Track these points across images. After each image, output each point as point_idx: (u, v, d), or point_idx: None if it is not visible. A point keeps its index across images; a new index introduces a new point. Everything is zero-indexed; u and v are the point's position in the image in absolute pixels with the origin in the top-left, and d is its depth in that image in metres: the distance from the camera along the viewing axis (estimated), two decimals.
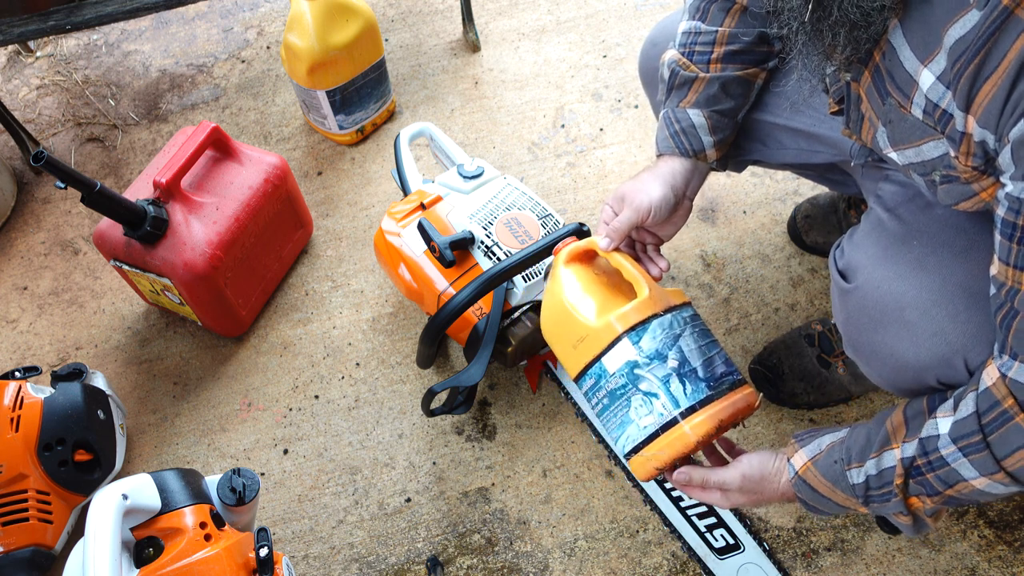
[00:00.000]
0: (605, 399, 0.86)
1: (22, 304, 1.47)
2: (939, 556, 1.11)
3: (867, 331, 0.87)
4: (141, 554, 0.82)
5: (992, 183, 0.67)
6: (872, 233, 0.88)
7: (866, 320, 0.86)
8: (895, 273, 0.82)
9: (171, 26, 1.92)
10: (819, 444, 0.83)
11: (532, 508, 1.19)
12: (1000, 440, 0.68)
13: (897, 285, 0.82)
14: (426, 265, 1.18)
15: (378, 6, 1.90)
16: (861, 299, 0.85)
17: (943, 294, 0.78)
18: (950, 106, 0.64)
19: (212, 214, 1.25)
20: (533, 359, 1.29)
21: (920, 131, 0.70)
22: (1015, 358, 0.66)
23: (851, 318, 0.89)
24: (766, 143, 1.06)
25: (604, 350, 0.85)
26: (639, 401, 0.83)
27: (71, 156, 1.69)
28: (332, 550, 1.17)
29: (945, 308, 0.78)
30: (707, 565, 1.09)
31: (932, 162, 0.71)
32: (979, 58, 0.59)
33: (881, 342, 0.85)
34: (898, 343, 0.82)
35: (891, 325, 0.82)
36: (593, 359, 0.86)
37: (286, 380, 1.34)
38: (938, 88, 0.64)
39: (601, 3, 1.86)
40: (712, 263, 1.42)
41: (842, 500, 0.82)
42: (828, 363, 1.21)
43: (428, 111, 1.70)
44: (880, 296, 0.83)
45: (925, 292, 0.79)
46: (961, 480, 0.72)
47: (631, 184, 0.99)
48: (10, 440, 1.06)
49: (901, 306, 0.81)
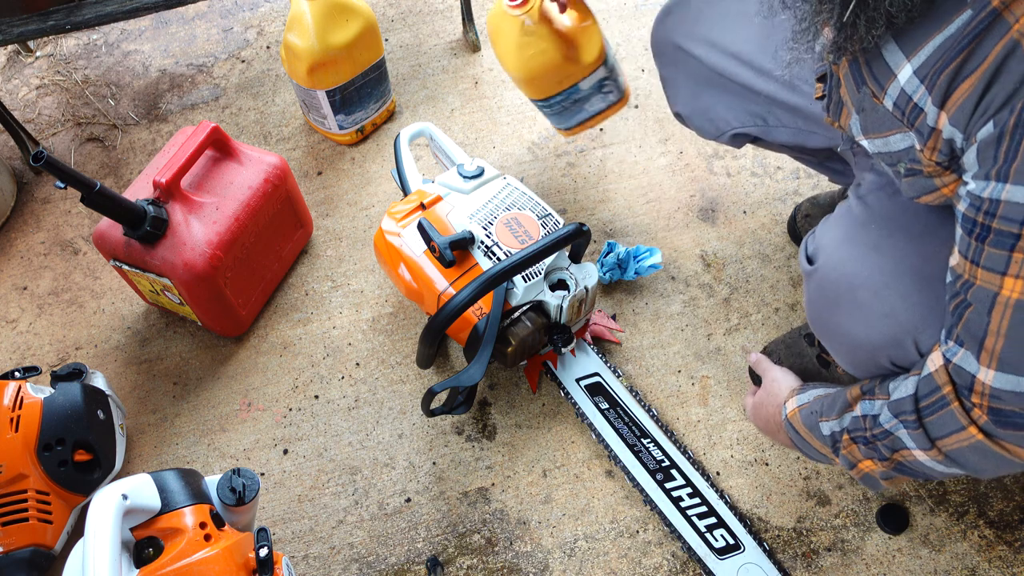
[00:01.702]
0: (570, 105, 1.33)
1: (22, 304, 1.47)
2: (939, 556, 1.11)
3: (826, 311, 0.89)
4: (141, 554, 0.82)
5: (954, 180, 0.68)
6: (840, 219, 0.89)
7: (824, 301, 0.88)
8: (852, 255, 0.84)
9: (171, 26, 1.92)
10: (810, 395, 0.94)
11: (532, 508, 1.19)
12: (935, 424, 0.72)
13: (852, 266, 0.83)
14: (426, 265, 1.18)
15: (378, 6, 1.90)
16: (820, 280, 0.88)
17: (895, 276, 0.80)
18: (922, 100, 0.64)
19: (212, 214, 1.25)
20: (533, 359, 1.29)
21: (889, 122, 0.70)
22: (961, 345, 0.69)
23: (812, 299, 0.92)
24: (766, 119, 1.08)
25: (585, 76, 1.28)
26: (596, 97, 1.33)
27: (71, 156, 1.69)
28: (332, 550, 1.17)
29: (896, 290, 0.80)
30: (707, 565, 1.09)
31: (898, 154, 0.72)
32: (961, 56, 0.59)
33: (838, 322, 0.87)
34: (852, 323, 0.85)
35: (846, 305, 0.85)
36: (573, 84, 1.29)
37: (286, 380, 1.34)
38: (914, 81, 0.65)
39: (601, 3, 1.86)
40: (712, 263, 1.42)
41: (819, 447, 0.90)
42: (828, 363, 1.21)
43: (428, 111, 1.70)
44: (837, 277, 0.85)
45: (878, 274, 0.81)
46: (904, 447, 0.76)
47: None
48: (10, 440, 1.06)
49: (855, 287, 0.83)
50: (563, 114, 1.37)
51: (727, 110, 1.12)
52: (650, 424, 1.21)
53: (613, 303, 1.38)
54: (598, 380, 1.25)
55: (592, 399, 1.23)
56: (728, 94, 1.11)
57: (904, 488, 1.17)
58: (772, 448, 1.21)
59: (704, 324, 1.35)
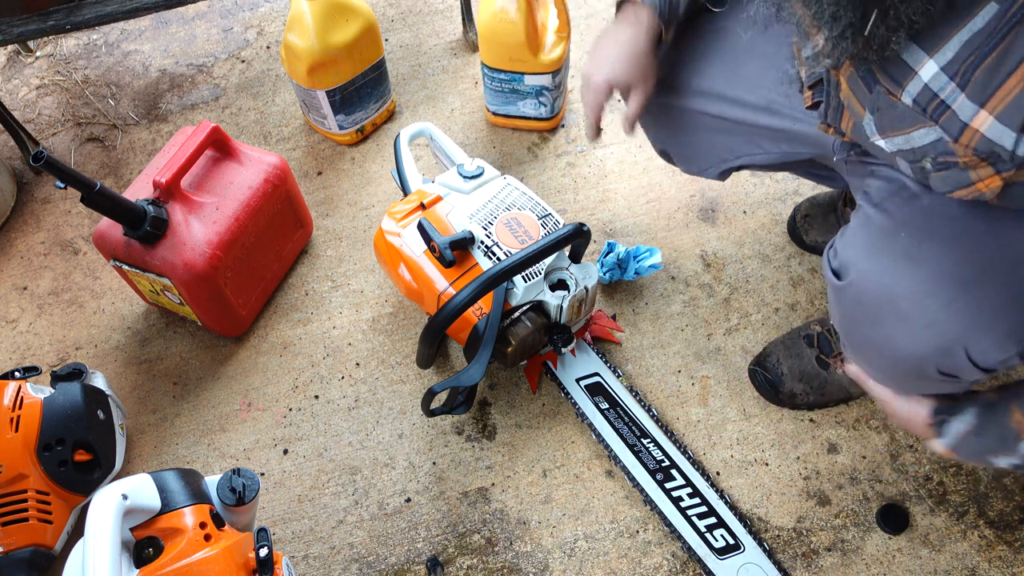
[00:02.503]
0: (508, 90, 1.54)
1: (22, 304, 1.47)
2: (939, 556, 1.11)
3: (863, 326, 0.87)
4: (141, 554, 0.82)
5: (991, 174, 0.66)
6: (861, 229, 0.87)
7: (861, 315, 0.86)
8: (885, 266, 0.82)
9: (171, 26, 1.92)
10: (956, 434, 0.89)
11: (532, 508, 1.19)
12: None
13: (888, 278, 0.81)
14: (426, 265, 1.18)
15: (378, 6, 1.90)
16: (855, 295, 0.85)
17: (934, 284, 0.78)
18: (951, 97, 0.63)
19: (212, 214, 1.25)
20: (533, 359, 1.29)
21: (911, 118, 0.69)
22: None
23: (846, 315, 0.89)
24: (749, 149, 1.07)
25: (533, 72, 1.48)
26: (531, 101, 1.55)
27: (71, 156, 1.69)
28: (332, 550, 1.17)
29: (938, 298, 0.78)
30: (707, 565, 1.09)
31: (922, 149, 0.71)
32: (998, 51, 0.58)
33: (878, 336, 0.85)
34: (895, 336, 0.83)
35: (886, 319, 0.83)
36: (519, 71, 1.48)
37: (286, 380, 1.34)
38: (941, 78, 0.63)
39: (601, 3, 1.86)
40: (712, 263, 1.42)
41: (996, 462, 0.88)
42: (827, 364, 1.21)
43: (428, 111, 1.70)
44: (873, 290, 0.83)
45: (916, 283, 0.79)
46: None
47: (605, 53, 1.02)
48: (10, 440, 1.06)
49: (894, 299, 0.81)
50: (498, 95, 1.57)
51: (709, 148, 1.12)
52: (650, 424, 1.21)
53: (613, 303, 1.38)
54: (598, 380, 1.25)
55: (592, 399, 1.23)
56: (707, 132, 1.09)
57: (904, 488, 1.17)
58: (772, 448, 1.22)
59: (704, 324, 1.35)
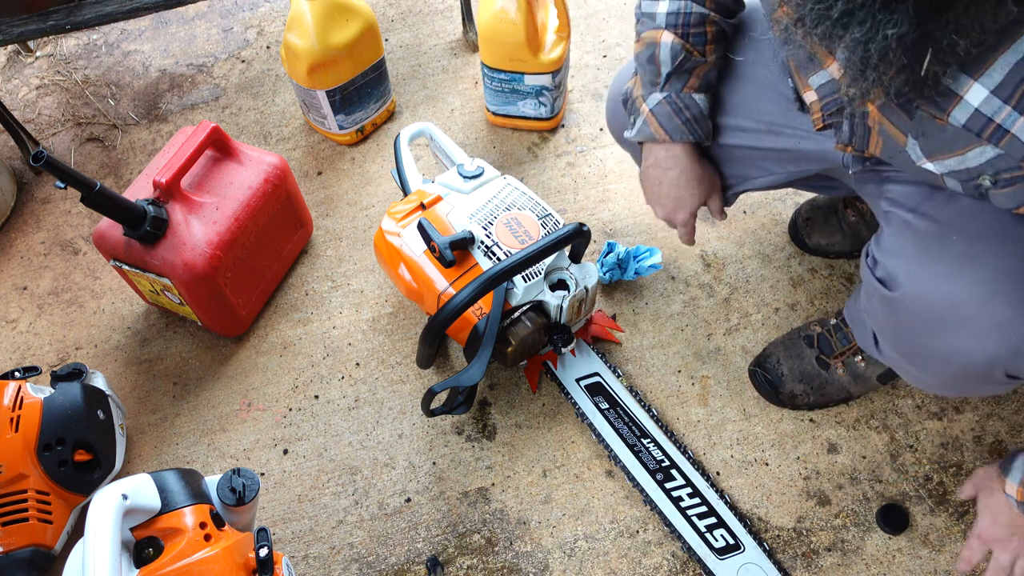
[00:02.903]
0: (508, 90, 1.54)
1: (22, 304, 1.47)
2: (939, 556, 1.11)
3: (922, 336, 0.84)
4: (141, 554, 0.82)
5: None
6: (903, 236, 0.85)
7: (920, 325, 0.84)
8: (942, 272, 0.80)
9: (171, 26, 1.92)
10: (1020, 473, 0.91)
11: (532, 508, 1.19)
12: None
13: (947, 284, 0.79)
14: (426, 265, 1.18)
15: (378, 6, 1.90)
16: (911, 304, 0.83)
17: (998, 284, 0.76)
18: (1008, 120, 0.62)
19: (212, 214, 1.25)
20: (533, 359, 1.29)
21: (964, 140, 0.67)
22: None
23: (902, 326, 0.87)
24: (756, 172, 1.07)
25: (532, 72, 1.48)
26: (531, 101, 1.55)
27: (71, 156, 1.69)
28: (332, 550, 1.17)
29: (1004, 297, 0.76)
30: (707, 565, 1.09)
31: (978, 168, 0.69)
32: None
33: (941, 344, 0.83)
34: (960, 342, 0.80)
35: (949, 326, 0.80)
36: (519, 71, 1.49)
37: (286, 380, 1.34)
38: (993, 102, 0.62)
39: (601, 3, 1.86)
40: (712, 263, 1.42)
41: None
42: (827, 364, 1.20)
43: (428, 111, 1.70)
44: (931, 298, 0.81)
45: (979, 284, 0.77)
46: None
47: (675, 190, 1.07)
48: (10, 440, 1.06)
49: (957, 304, 0.79)
50: (498, 95, 1.57)
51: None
52: (650, 424, 1.21)
53: (613, 303, 1.38)
54: (598, 380, 1.25)
55: (592, 399, 1.23)
56: (713, 164, 1.10)
57: (904, 488, 1.17)
58: (772, 448, 1.21)
59: (704, 324, 1.35)
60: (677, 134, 1.01)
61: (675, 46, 0.96)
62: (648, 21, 0.99)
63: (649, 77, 1.00)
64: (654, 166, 1.07)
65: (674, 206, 1.08)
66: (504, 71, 1.50)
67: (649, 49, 0.99)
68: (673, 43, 0.96)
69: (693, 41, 0.97)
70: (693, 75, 0.99)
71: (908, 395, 1.25)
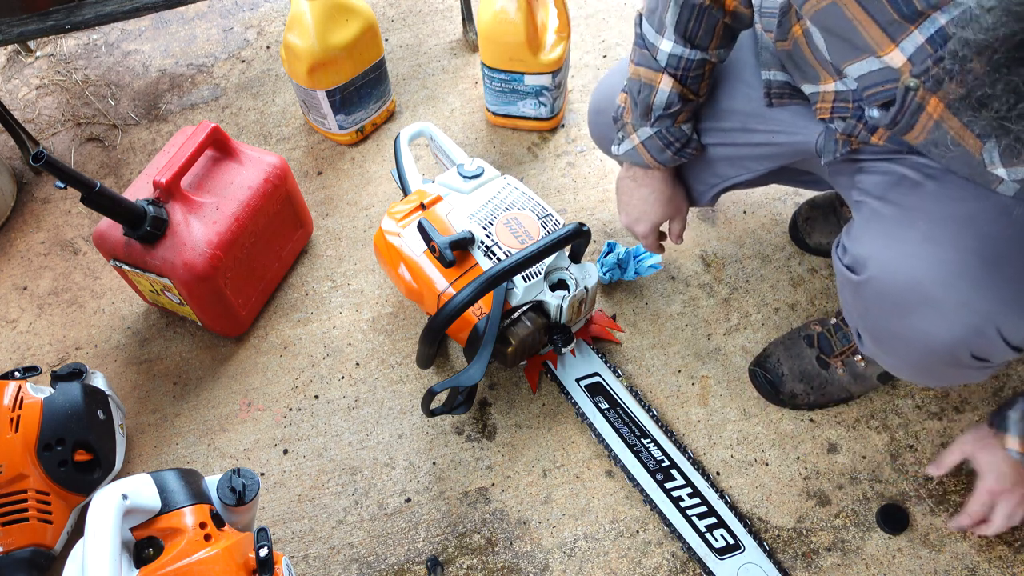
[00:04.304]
0: (508, 90, 1.54)
1: (22, 304, 1.47)
2: (939, 556, 1.11)
3: (890, 319, 0.85)
4: (141, 554, 0.82)
5: None
6: (870, 223, 0.86)
7: (888, 307, 0.84)
8: (907, 252, 0.80)
9: (171, 26, 1.92)
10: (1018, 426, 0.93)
11: (532, 508, 1.19)
12: None
13: (912, 263, 0.80)
14: (426, 265, 1.18)
15: (378, 6, 1.90)
16: (877, 287, 0.84)
17: (960, 265, 0.77)
18: None
19: (212, 214, 1.25)
20: (533, 359, 1.29)
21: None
22: None
23: (870, 310, 0.87)
24: (735, 171, 1.10)
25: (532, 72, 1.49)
26: (531, 101, 1.55)
27: (71, 156, 1.69)
28: (332, 550, 1.17)
29: (967, 277, 0.76)
30: (707, 565, 1.09)
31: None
32: None
33: (907, 327, 0.83)
34: (925, 322, 0.81)
35: (914, 306, 0.81)
36: (519, 71, 1.49)
37: (286, 380, 1.34)
38: None
39: (601, 3, 1.86)
40: (712, 263, 1.42)
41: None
42: (828, 364, 1.21)
43: (428, 111, 1.70)
44: (896, 279, 0.81)
45: (942, 264, 0.78)
46: None
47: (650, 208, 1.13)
48: (10, 440, 1.06)
49: (920, 284, 0.79)
50: (498, 95, 1.57)
51: (695, 178, 1.15)
52: (650, 424, 1.21)
53: (613, 303, 1.38)
54: (598, 380, 1.25)
55: (592, 399, 1.23)
56: (692, 165, 1.13)
57: (904, 488, 1.17)
58: (772, 448, 1.21)
59: (704, 324, 1.35)
60: (668, 163, 1.07)
61: (672, 93, 0.99)
62: (648, 55, 0.98)
63: (641, 111, 1.03)
64: (630, 178, 1.14)
65: (637, 218, 1.16)
66: (504, 71, 1.50)
67: (647, 89, 1.00)
68: (671, 90, 0.98)
69: (691, 85, 0.99)
70: (685, 111, 1.02)
71: (908, 395, 1.25)
